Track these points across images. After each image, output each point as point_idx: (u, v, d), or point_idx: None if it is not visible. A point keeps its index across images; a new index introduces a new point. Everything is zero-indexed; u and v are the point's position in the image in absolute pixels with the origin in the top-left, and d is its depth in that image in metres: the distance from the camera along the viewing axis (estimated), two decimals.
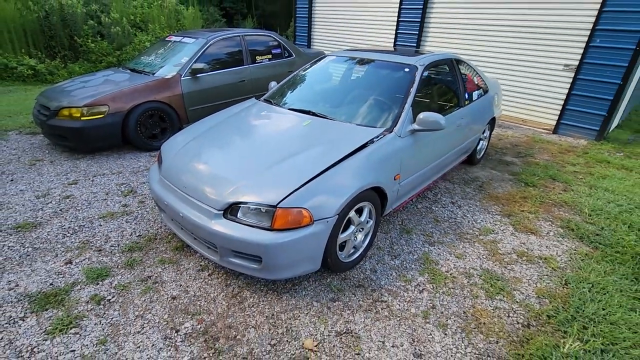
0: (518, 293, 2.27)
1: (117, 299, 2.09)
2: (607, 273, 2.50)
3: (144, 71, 4.72)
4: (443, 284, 2.32)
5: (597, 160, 4.66)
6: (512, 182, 3.94)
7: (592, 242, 2.87)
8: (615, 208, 3.40)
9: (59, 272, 2.28)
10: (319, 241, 2.03)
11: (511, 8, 5.89)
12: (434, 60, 3.20)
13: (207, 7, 18.30)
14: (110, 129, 4.06)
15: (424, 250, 2.67)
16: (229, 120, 2.86)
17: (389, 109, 2.71)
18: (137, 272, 2.32)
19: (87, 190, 3.36)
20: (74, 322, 1.90)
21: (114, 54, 9.48)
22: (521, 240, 2.87)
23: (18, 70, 7.98)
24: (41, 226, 2.76)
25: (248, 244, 1.92)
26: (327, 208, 2.01)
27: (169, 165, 2.45)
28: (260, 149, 2.38)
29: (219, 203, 2.03)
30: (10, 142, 4.46)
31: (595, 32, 5.09)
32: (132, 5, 11.05)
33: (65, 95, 4.13)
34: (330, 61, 3.48)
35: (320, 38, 9.46)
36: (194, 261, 2.45)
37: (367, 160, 2.28)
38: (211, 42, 4.93)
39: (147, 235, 2.72)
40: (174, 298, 2.12)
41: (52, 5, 8.68)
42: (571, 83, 5.49)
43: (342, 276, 2.36)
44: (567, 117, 5.66)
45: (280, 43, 5.87)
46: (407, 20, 7.25)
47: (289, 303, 2.11)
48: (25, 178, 3.54)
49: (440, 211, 3.25)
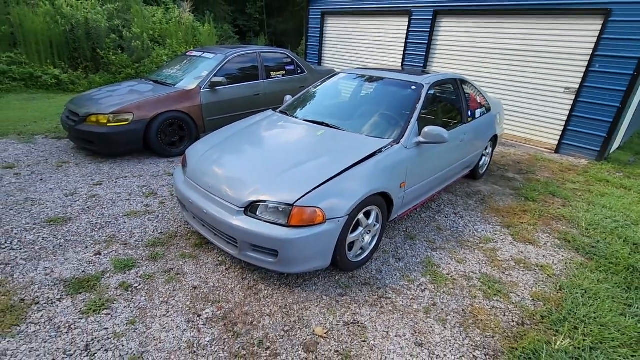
0: (514, 295, 2.43)
1: (144, 286, 2.28)
2: (601, 281, 2.64)
3: (166, 83, 5.02)
4: (444, 284, 2.48)
5: (596, 179, 4.82)
6: (513, 196, 4.11)
7: (587, 253, 3.02)
8: (611, 223, 3.55)
9: (90, 262, 2.48)
10: (331, 239, 2.21)
11: (515, 34, 6.19)
12: (439, 80, 3.45)
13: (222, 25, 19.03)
14: (133, 135, 4.33)
15: (427, 255, 2.84)
16: (249, 128, 3.10)
17: (396, 123, 2.94)
18: (160, 264, 2.52)
19: (111, 190, 3.60)
20: (105, 305, 2.09)
21: (133, 66, 9.94)
22: (519, 249, 3.03)
23: (42, 79, 8.41)
24: (71, 221, 2.98)
25: (267, 238, 2.11)
26: (338, 208, 2.20)
27: (194, 168, 2.68)
28: (277, 155, 2.60)
29: (240, 201, 2.24)
30: (38, 145, 4.74)
31: (594, 57, 5.34)
32: (152, 21, 11.61)
33: (94, 102, 4.43)
34: (341, 78, 3.74)
35: (331, 56, 9.85)
36: (212, 257, 2.64)
37: (375, 168, 2.49)
38: (230, 58, 5.25)
39: (169, 233, 2.92)
40: (195, 288, 2.30)
41: (78, 20, 9.19)
42: (572, 105, 5.71)
43: (350, 275, 2.54)
44: (568, 138, 5.85)
45: (294, 60, 6.20)
46: (414, 42, 7.59)
47: (301, 296, 2.28)
48: (53, 178, 3.78)
49: (443, 220, 3.43)
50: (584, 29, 5.44)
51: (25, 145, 4.69)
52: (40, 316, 1.99)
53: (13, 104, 7.11)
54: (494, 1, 6.24)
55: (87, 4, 9.70)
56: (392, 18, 7.99)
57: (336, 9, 9.15)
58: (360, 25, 8.81)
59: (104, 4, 10.24)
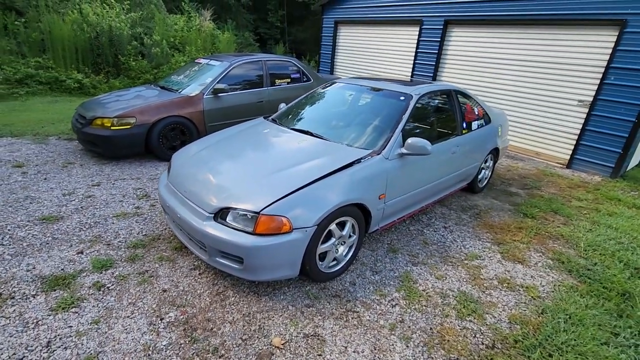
0: (490, 316, 2.32)
1: (116, 287, 2.34)
2: (589, 307, 2.49)
3: (172, 89, 5.19)
4: (417, 301, 2.40)
5: (607, 197, 4.58)
6: (511, 212, 3.96)
7: (580, 276, 2.86)
8: (614, 245, 3.35)
9: (71, 260, 2.56)
10: (298, 248, 2.20)
11: (527, 44, 6.03)
12: (431, 91, 3.39)
13: (243, 32, 19.51)
14: (136, 139, 4.48)
15: (406, 269, 2.77)
16: (234, 136, 3.15)
17: (380, 133, 2.90)
18: (137, 265, 2.57)
19: (107, 192, 3.72)
20: (75, 303, 2.15)
21: (152, 72, 10.31)
22: (506, 268, 2.90)
23: (66, 83, 8.85)
24: (63, 220, 3.10)
25: (232, 245, 2.13)
26: (306, 218, 2.19)
27: (175, 173, 2.74)
28: (256, 163, 2.63)
29: (211, 207, 2.27)
30: (50, 145, 4.98)
31: (609, 69, 5.12)
32: (173, 28, 12.05)
33: (101, 106, 4.62)
34: (334, 87, 3.75)
35: (343, 65, 9.89)
36: (189, 261, 2.67)
37: (351, 178, 2.46)
38: (234, 65, 5.37)
39: (152, 235, 2.99)
40: (165, 291, 2.34)
41: (103, 28, 9.65)
42: (585, 119, 5.47)
43: (322, 285, 2.51)
44: (581, 152, 5.60)
45: (300, 68, 6.26)
46: (425, 51, 7.51)
47: (267, 304, 2.27)
48: (56, 178, 3.96)
49: (430, 234, 3.34)
50: (598, 40, 5.23)
51: (38, 145, 4.93)
52: (12, 311, 2.07)
53: (37, 106, 7.51)
54: (506, 11, 6.10)
55: (112, 12, 10.18)
56: (403, 27, 7.95)
57: (349, 18, 9.20)
58: (371, 34, 8.82)
59: (128, 12, 10.71)
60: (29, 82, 8.53)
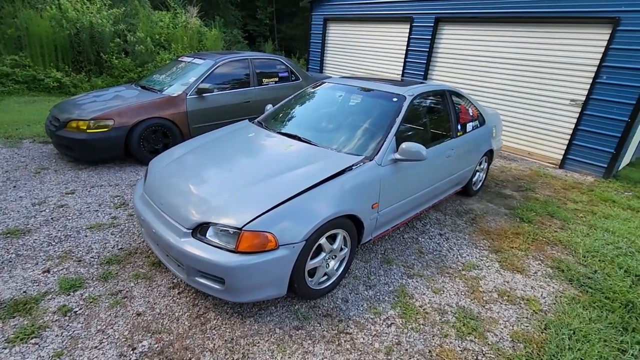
0: (491, 335, 2.18)
1: (84, 311, 2.12)
2: (593, 320, 2.37)
3: (153, 89, 4.92)
4: (414, 319, 2.24)
5: (601, 199, 4.50)
6: (507, 216, 3.84)
7: (581, 286, 2.74)
8: (613, 250, 3.26)
9: (35, 280, 2.33)
10: (284, 266, 2.02)
11: (518, 42, 5.92)
12: (425, 91, 3.23)
13: (231, 30, 19.12)
14: (114, 142, 4.22)
15: (402, 282, 2.61)
16: (217, 140, 2.94)
17: (372, 137, 2.73)
18: (109, 285, 2.35)
19: (82, 200, 3.47)
20: (36, 332, 1.93)
21: (136, 70, 9.96)
22: (505, 278, 2.77)
23: (45, 82, 8.46)
24: (30, 233, 2.85)
25: (211, 265, 1.93)
26: (293, 233, 2.01)
27: (150, 182, 2.52)
28: (238, 171, 2.42)
29: (189, 222, 2.07)
30: (23, 149, 4.68)
31: (602, 68, 5.04)
32: (158, 25, 11.67)
33: (76, 108, 4.34)
34: (324, 87, 3.56)
35: (332, 63, 9.70)
36: (168, 278, 2.46)
37: (342, 188, 2.29)
38: (219, 64, 5.13)
39: (128, 249, 2.76)
40: (139, 314, 2.13)
41: (83, 24, 9.25)
42: (578, 118, 5.40)
43: (312, 303, 2.33)
44: (573, 152, 5.53)
45: (288, 67, 6.05)
46: (415, 49, 7.37)
47: (252, 328, 2.08)
48: (27, 185, 3.68)
49: (426, 242, 3.19)
50: (591, 39, 5.15)
51: (9, 149, 4.63)
52: None
53: (12, 106, 7.14)
54: (497, 9, 5.98)
55: (93, 8, 9.78)
56: (393, 25, 7.79)
57: (338, 15, 9.00)
58: (361, 31, 8.64)
59: (110, 8, 10.31)
60: (5, 81, 8.13)
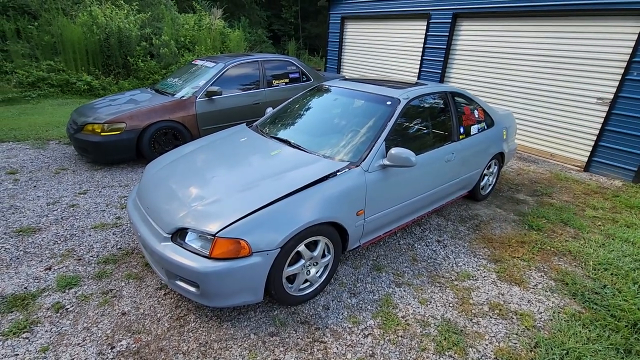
0: (473, 351, 2.08)
1: (75, 308, 2.24)
2: (592, 340, 2.21)
3: (165, 92, 5.10)
4: (393, 330, 2.19)
5: (627, 206, 4.17)
6: (516, 223, 3.65)
7: (585, 301, 2.56)
8: (629, 263, 3.01)
9: (37, 277, 2.49)
10: (258, 273, 2.03)
11: (541, 38, 5.59)
12: (422, 94, 3.13)
13: (256, 29, 19.41)
14: (126, 144, 4.42)
15: (388, 291, 2.55)
16: (209, 146, 3.00)
17: (361, 143, 2.68)
18: (103, 283, 2.48)
19: (92, 200, 3.66)
20: (28, 327, 2.07)
21: (160, 72, 10.35)
22: (501, 290, 2.63)
23: (76, 86, 8.99)
24: (40, 231, 3.05)
25: (186, 270, 1.98)
26: (268, 240, 2.01)
27: (142, 185, 2.62)
28: (222, 177, 2.46)
29: (168, 226, 2.13)
30: (48, 150, 5.00)
31: (632, 64, 4.66)
32: (184, 28, 12.05)
33: (93, 112, 4.58)
34: (322, 91, 3.53)
35: (350, 63, 9.61)
36: (157, 279, 2.55)
37: (323, 194, 2.26)
38: (229, 67, 5.23)
39: (126, 249, 2.89)
40: (124, 314, 2.22)
41: (112, 29, 9.74)
42: (605, 118, 5.03)
43: (292, 310, 2.33)
44: (600, 154, 5.16)
45: (299, 68, 6.06)
46: (433, 47, 7.15)
47: (227, 332, 2.12)
48: (46, 185, 3.94)
49: (421, 249, 3.10)
50: (620, 32, 4.76)
51: (36, 150, 4.96)
52: None
53: (46, 109, 7.64)
54: (518, 3, 5.67)
55: (121, 13, 10.26)
56: (410, 22, 7.59)
57: (355, 13, 8.89)
58: (378, 30, 8.49)
59: (138, 13, 10.77)
60: (41, 85, 8.72)
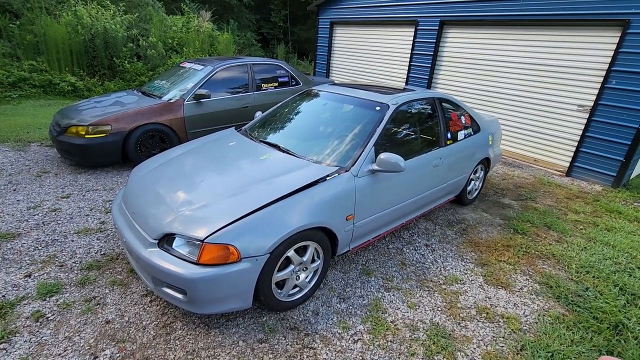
0: (462, 355, 2.10)
1: (56, 317, 2.17)
2: (575, 342, 2.26)
3: (153, 94, 5.03)
4: (382, 335, 2.19)
5: (607, 210, 4.30)
6: (501, 227, 3.71)
7: (569, 304, 2.61)
8: (610, 266, 3.10)
9: (15, 285, 2.41)
10: (247, 279, 2.01)
11: (524, 46, 5.74)
12: (411, 99, 3.17)
13: (245, 33, 19.35)
14: (111, 147, 4.33)
15: (377, 295, 2.56)
16: (197, 149, 2.96)
17: (350, 147, 2.69)
18: (85, 291, 2.41)
19: (75, 204, 3.57)
20: (5, 338, 1.99)
21: (147, 74, 10.20)
22: (488, 294, 2.67)
23: (60, 86, 8.77)
24: (19, 237, 2.95)
25: (173, 276, 1.94)
26: (257, 246, 2.00)
27: (128, 189, 2.56)
28: (210, 182, 2.43)
29: (155, 232, 2.09)
30: (29, 153, 4.86)
31: (611, 73, 4.82)
32: (171, 29, 11.92)
33: (77, 114, 4.48)
34: (311, 95, 3.54)
35: (338, 68, 9.66)
36: (142, 285, 2.50)
37: (312, 199, 2.26)
38: (218, 70, 5.19)
39: (111, 255, 2.82)
40: (108, 322, 2.16)
41: (98, 29, 9.56)
42: (585, 124, 5.18)
43: (281, 315, 2.31)
44: (581, 160, 5.31)
45: (288, 72, 6.06)
46: (420, 53, 7.25)
47: (215, 340, 2.09)
48: (27, 189, 3.82)
49: (410, 254, 3.12)
50: (599, 42, 4.93)
51: (17, 152, 4.81)
52: None
53: (28, 110, 7.43)
54: (503, 11, 5.81)
55: (107, 14, 10.09)
56: (398, 28, 7.69)
57: (344, 19, 8.96)
58: (367, 35, 8.57)
59: (124, 14, 10.61)
60: (23, 85, 8.48)
